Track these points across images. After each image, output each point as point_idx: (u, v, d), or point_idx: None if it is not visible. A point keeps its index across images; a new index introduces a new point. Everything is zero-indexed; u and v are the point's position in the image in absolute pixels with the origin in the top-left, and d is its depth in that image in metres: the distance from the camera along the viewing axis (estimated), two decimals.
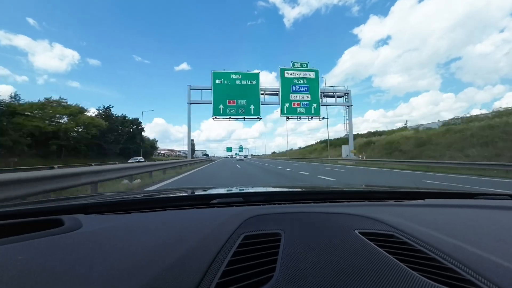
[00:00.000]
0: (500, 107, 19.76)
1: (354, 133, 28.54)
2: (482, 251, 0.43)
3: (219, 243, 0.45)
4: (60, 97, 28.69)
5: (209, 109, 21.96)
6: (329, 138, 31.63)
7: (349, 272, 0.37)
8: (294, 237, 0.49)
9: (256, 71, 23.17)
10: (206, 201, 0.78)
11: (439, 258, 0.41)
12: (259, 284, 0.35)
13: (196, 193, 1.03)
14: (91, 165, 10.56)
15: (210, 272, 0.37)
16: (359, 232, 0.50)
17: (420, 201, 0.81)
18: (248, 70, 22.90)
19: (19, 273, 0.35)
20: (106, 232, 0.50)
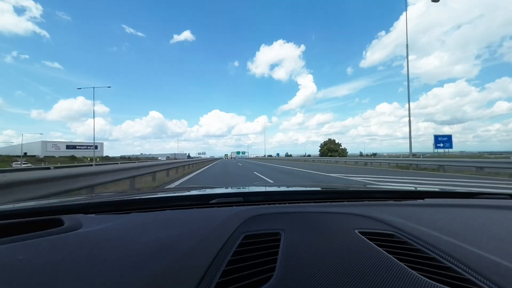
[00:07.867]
0: None
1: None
2: (482, 251, 0.43)
3: (219, 243, 0.45)
4: None
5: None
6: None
7: (349, 271, 0.37)
8: (294, 236, 0.49)
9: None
10: (205, 201, 0.78)
11: (439, 257, 0.41)
12: (259, 284, 0.35)
13: (195, 193, 1.03)
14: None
15: (210, 271, 0.37)
16: (359, 232, 0.51)
17: (419, 201, 0.81)
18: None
19: (19, 273, 0.35)
20: (106, 232, 0.50)
